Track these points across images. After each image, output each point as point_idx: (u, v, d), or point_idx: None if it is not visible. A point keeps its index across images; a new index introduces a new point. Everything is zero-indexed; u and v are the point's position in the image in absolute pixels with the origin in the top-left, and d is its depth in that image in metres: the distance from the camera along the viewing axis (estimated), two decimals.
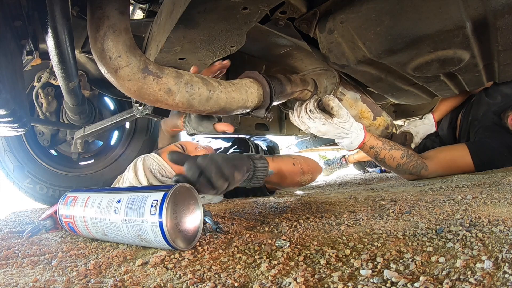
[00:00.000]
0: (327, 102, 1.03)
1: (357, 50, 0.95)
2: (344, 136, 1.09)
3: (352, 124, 1.07)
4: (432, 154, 1.33)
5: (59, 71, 0.92)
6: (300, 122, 1.07)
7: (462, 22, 0.80)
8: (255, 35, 1.07)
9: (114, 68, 0.67)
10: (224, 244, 0.61)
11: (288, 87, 0.99)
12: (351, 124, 1.06)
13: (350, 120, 1.05)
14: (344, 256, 0.50)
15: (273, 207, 0.97)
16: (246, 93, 0.82)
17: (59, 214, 0.74)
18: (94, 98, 1.65)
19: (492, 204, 0.72)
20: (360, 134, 1.11)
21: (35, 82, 1.58)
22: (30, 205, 1.76)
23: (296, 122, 1.08)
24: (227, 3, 0.67)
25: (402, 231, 0.58)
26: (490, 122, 1.51)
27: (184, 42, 0.80)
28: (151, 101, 0.74)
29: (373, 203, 0.89)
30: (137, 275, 0.48)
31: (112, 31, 0.66)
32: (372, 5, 0.80)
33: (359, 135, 1.11)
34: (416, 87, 1.26)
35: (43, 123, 1.62)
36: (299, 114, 1.05)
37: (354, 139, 1.10)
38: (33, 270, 0.53)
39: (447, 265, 0.41)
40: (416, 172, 1.28)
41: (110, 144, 1.88)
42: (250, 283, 0.43)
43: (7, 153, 1.64)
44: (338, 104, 1.03)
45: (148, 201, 0.56)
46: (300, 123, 1.07)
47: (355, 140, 1.11)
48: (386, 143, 1.20)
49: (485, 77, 1.25)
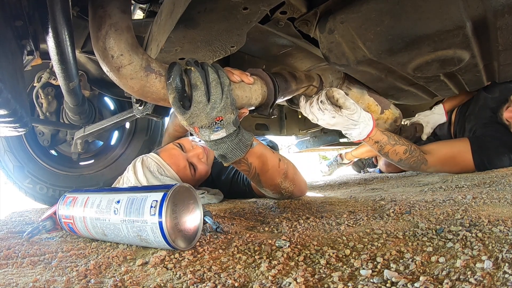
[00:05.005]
0: (331, 94, 1.01)
1: (357, 50, 0.95)
2: (352, 128, 1.07)
3: (361, 114, 1.05)
4: (434, 148, 1.32)
5: (60, 71, 0.92)
6: (309, 112, 1.06)
7: (462, 22, 0.80)
8: (255, 35, 1.07)
9: (116, 66, 0.67)
10: (224, 244, 0.61)
11: (293, 83, 0.98)
12: (359, 114, 1.04)
13: (358, 110, 1.04)
14: (344, 256, 0.50)
15: (273, 207, 0.97)
16: (250, 90, 0.82)
17: (59, 214, 0.73)
18: (94, 98, 1.66)
19: (492, 204, 0.72)
20: (368, 123, 1.09)
21: (35, 82, 1.58)
22: (30, 205, 1.76)
23: (306, 113, 1.07)
24: (227, 3, 0.67)
25: (402, 231, 0.58)
26: (487, 119, 1.52)
27: (184, 42, 0.80)
28: (153, 100, 0.74)
29: (373, 203, 0.89)
30: (137, 275, 0.48)
31: (114, 30, 0.66)
32: (372, 5, 0.80)
33: (368, 125, 1.09)
34: (416, 87, 1.26)
35: (43, 123, 1.62)
36: (311, 104, 1.04)
37: (363, 129, 1.09)
38: (33, 270, 0.53)
39: (447, 265, 0.41)
40: (416, 167, 1.29)
41: (110, 144, 1.88)
42: (250, 283, 0.43)
43: (7, 153, 1.64)
44: (343, 95, 1.01)
45: (147, 202, 0.56)
46: (309, 113, 1.06)
47: (364, 130, 1.10)
48: (391, 138, 1.19)
49: (485, 77, 1.25)
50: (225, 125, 0.74)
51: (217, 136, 0.75)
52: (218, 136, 0.76)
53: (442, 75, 1.13)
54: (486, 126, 1.50)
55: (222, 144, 0.78)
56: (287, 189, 0.97)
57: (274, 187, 0.95)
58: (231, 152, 0.79)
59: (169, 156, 1.18)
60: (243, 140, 0.80)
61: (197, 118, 0.72)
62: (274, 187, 0.95)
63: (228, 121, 0.74)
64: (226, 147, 0.78)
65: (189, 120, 0.72)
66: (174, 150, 1.21)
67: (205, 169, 1.26)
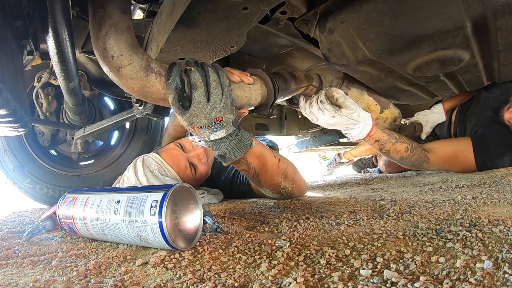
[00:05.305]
0: (331, 94, 1.01)
1: (357, 50, 0.95)
2: (352, 127, 1.07)
3: (360, 113, 1.06)
4: (436, 147, 1.32)
5: (60, 71, 0.92)
6: (309, 112, 1.06)
7: (462, 22, 0.80)
8: (255, 35, 1.07)
9: (116, 66, 0.67)
10: (224, 244, 0.61)
11: (292, 83, 0.98)
12: (358, 114, 1.04)
13: (357, 109, 1.04)
14: (344, 256, 0.50)
15: (273, 207, 0.97)
16: (250, 90, 0.82)
17: (59, 214, 0.73)
18: (94, 98, 1.65)
19: (492, 204, 0.72)
20: (368, 122, 1.09)
21: (35, 82, 1.58)
22: (30, 205, 1.76)
23: (306, 112, 1.07)
24: (228, 3, 0.67)
25: (402, 231, 0.58)
26: (488, 118, 1.52)
27: (185, 42, 0.80)
28: (153, 100, 0.74)
29: (373, 203, 0.89)
30: (137, 275, 0.48)
31: (114, 30, 0.66)
32: (372, 5, 0.80)
33: (368, 124, 1.09)
34: (416, 87, 1.26)
35: (43, 123, 1.62)
36: (310, 103, 1.04)
37: (362, 129, 1.09)
38: (33, 270, 0.53)
39: (447, 265, 0.41)
40: (418, 165, 1.29)
41: (110, 144, 1.88)
42: (250, 283, 0.43)
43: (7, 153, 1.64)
44: (342, 95, 1.02)
45: (147, 202, 0.56)
46: (309, 113, 1.06)
47: (364, 129, 1.10)
48: (391, 136, 1.19)
49: (485, 77, 1.25)
50: (224, 125, 0.74)
51: (217, 136, 0.76)
52: (217, 136, 0.76)
53: (442, 75, 1.13)
54: (487, 125, 1.50)
55: (222, 144, 0.78)
56: (286, 189, 0.96)
57: (274, 187, 0.95)
58: (230, 152, 0.79)
59: (170, 156, 1.18)
60: (242, 140, 0.80)
61: (197, 118, 0.72)
62: (274, 187, 0.95)
63: (228, 121, 0.75)
64: (225, 147, 0.78)
65: (189, 120, 0.72)
66: (175, 150, 1.21)
67: (206, 169, 1.26)
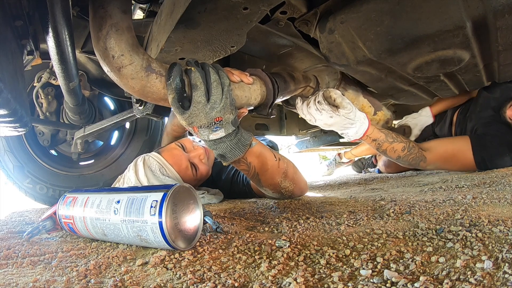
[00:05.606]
0: (329, 95, 1.02)
1: (357, 50, 0.95)
2: (349, 127, 1.08)
3: (356, 113, 1.07)
4: (433, 146, 1.32)
5: (60, 71, 0.92)
6: (307, 113, 1.06)
7: (462, 22, 0.81)
8: (255, 35, 1.07)
9: (117, 66, 0.67)
10: (224, 244, 0.61)
11: (291, 84, 0.99)
12: (355, 114, 1.06)
13: (353, 110, 1.05)
14: (344, 256, 0.50)
15: (273, 207, 0.97)
16: (249, 90, 0.82)
17: (59, 214, 0.73)
18: (94, 98, 1.66)
19: (492, 204, 0.72)
20: (364, 122, 1.11)
21: (35, 82, 1.58)
22: (30, 205, 1.76)
23: (303, 114, 1.08)
24: (228, 3, 0.67)
25: (402, 231, 0.58)
26: (489, 118, 1.52)
27: (185, 42, 0.80)
28: (154, 100, 0.74)
29: (373, 203, 0.89)
30: (137, 275, 0.48)
31: (114, 30, 0.66)
32: (372, 5, 0.80)
33: (364, 123, 1.11)
34: (416, 87, 1.26)
35: (43, 123, 1.62)
36: (308, 104, 1.05)
37: (359, 128, 1.10)
38: (33, 270, 0.53)
39: (447, 265, 0.41)
40: (415, 164, 1.30)
41: (110, 144, 1.88)
42: (250, 283, 0.43)
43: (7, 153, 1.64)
44: (340, 95, 1.03)
45: (147, 202, 0.56)
46: (306, 114, 1.06)
47: (360, 129, 1.11)
48: (389, 136, 1.20)
49: (485, 77, 1.25)
50: (224, 125, 0.74)
51: (216, 136, 0.76)
52: (217, 136, 0.76)
53: (442, 75, 1.13)
54: (488, 125, 1.50)
55: (221, 144, 0.78)
56: (287, 189, 0.96)
57: (274, 187, 0.95)
58: (230, 152, 0.79)
59: (171, 156, 1.18)
60: (242, 140, 0.80)
61: (196, 118, 0.72)
62: (274, 186, 0.95)
63: (227, 121, 0.75)
64: (225, 146, 0.78)
65: (188, 120, 0.72)
66: (176, 150, 1.21)
67: (206, 169, 1.26)
